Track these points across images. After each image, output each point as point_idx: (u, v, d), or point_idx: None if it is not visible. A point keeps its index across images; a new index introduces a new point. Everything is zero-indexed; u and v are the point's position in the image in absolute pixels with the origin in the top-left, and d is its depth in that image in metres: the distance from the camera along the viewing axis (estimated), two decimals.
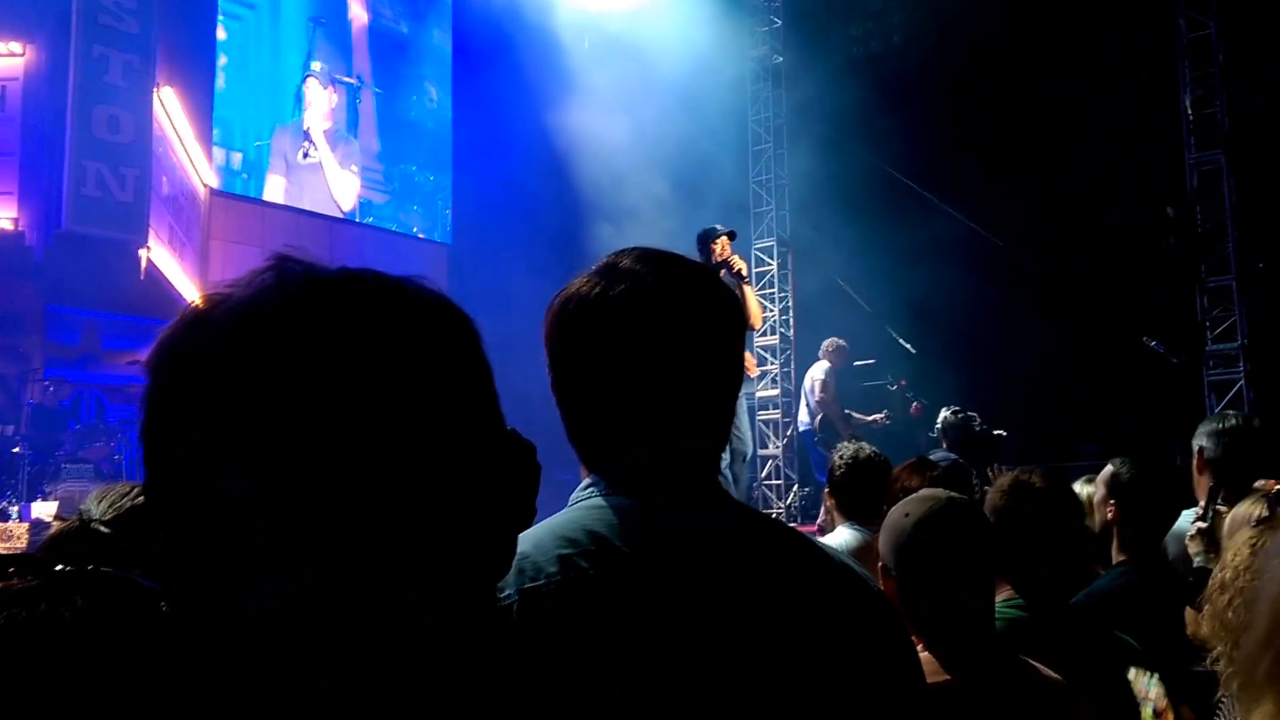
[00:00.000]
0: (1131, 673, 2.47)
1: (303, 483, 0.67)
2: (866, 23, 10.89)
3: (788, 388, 11.20)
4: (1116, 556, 2.95)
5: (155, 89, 8.94)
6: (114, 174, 8.31)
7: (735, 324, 1.17)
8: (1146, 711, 2.17)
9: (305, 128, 9.61)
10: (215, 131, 9.69)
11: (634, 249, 1.18)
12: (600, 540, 1.06)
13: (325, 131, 9.58)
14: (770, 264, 11.63)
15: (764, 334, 11.12)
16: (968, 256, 9.74)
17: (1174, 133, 9.34)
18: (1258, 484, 2.68)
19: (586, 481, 1.15)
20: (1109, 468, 3.05)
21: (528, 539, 1.06)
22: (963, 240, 9.93)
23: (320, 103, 9.55)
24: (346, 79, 10.16)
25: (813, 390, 9.27)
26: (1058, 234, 9.73)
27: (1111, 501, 2.94)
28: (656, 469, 1.12)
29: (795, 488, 10.53)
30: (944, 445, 6.67)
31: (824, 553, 1.18)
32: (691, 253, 7.46)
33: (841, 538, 3.20)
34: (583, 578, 1.03)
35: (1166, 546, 3.10)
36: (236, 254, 10.72)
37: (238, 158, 9.55)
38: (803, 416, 9.48)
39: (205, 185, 10.38)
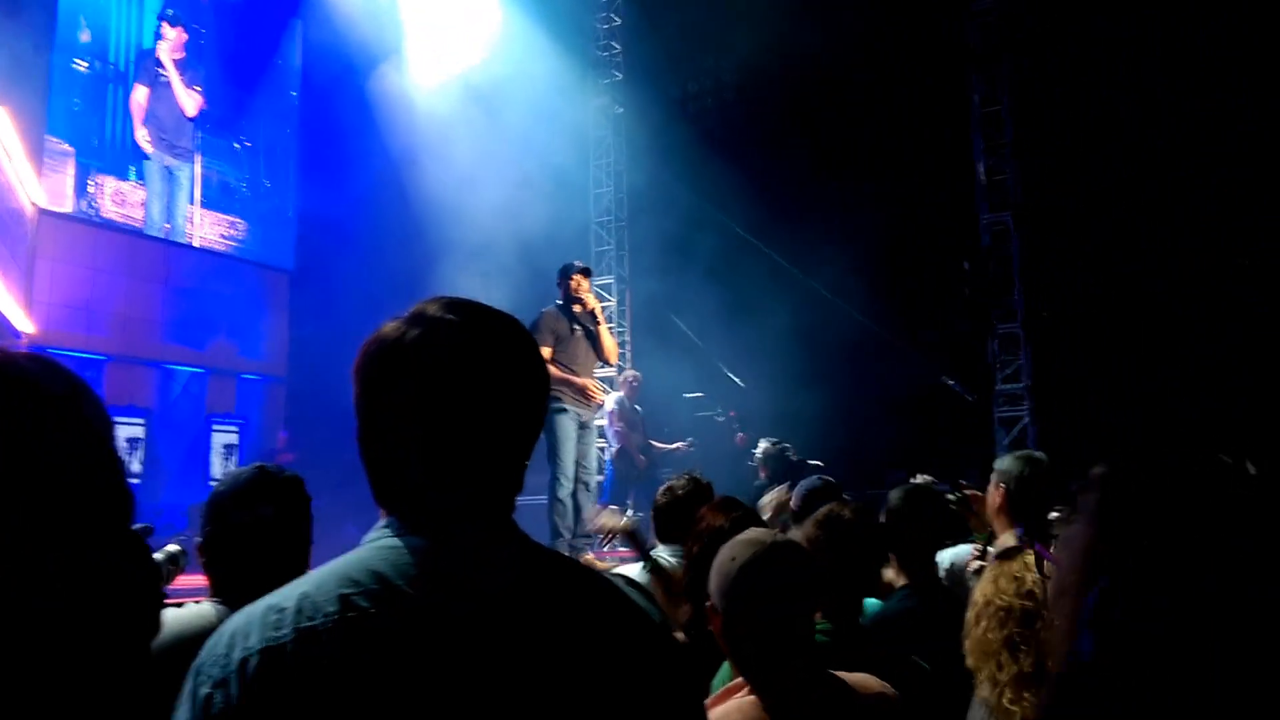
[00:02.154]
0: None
1: None
2: (702, 80, 11.56)
3: None
4: (897, 580, 3.17)
5: None
6: None
7: (534, 375, 1.19)
8: None
9: (157, 55, 10.87)
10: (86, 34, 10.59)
11: (444, 297, 1.19)
12: (383, 580, 1.05)
13: (175, 60, 10.90)
14: (610, 300, 12.11)
15: (601, 366, 11.56)
16: (791, 298, 10.39)
17: (970, 194, 10.32)
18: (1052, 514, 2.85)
19: (381, 523, 1.15)
20: (889, 496, 3.26)
21: (310, 579, 1.06)
22: (786, 283, 10.59)
23: (171, 35, 10.93)
24: (195, 26, 11.47)
25: (609, 421, 9.72)
26: (870, 280, 10.52)
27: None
28: (448, 511, 1.12)
29: (630, 513, 10.95)
30: (763, 474, 7.18)
31: (612, 591, 1.18)
32: (538, 288, 7.79)
33: (659, 560, 3.39)
34: (362, 617, 1.01)
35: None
36: (66, 274, 10.35)
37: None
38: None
39: (34, 204, 10.02)
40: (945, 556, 3.35)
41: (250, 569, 1.98)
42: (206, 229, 11.94)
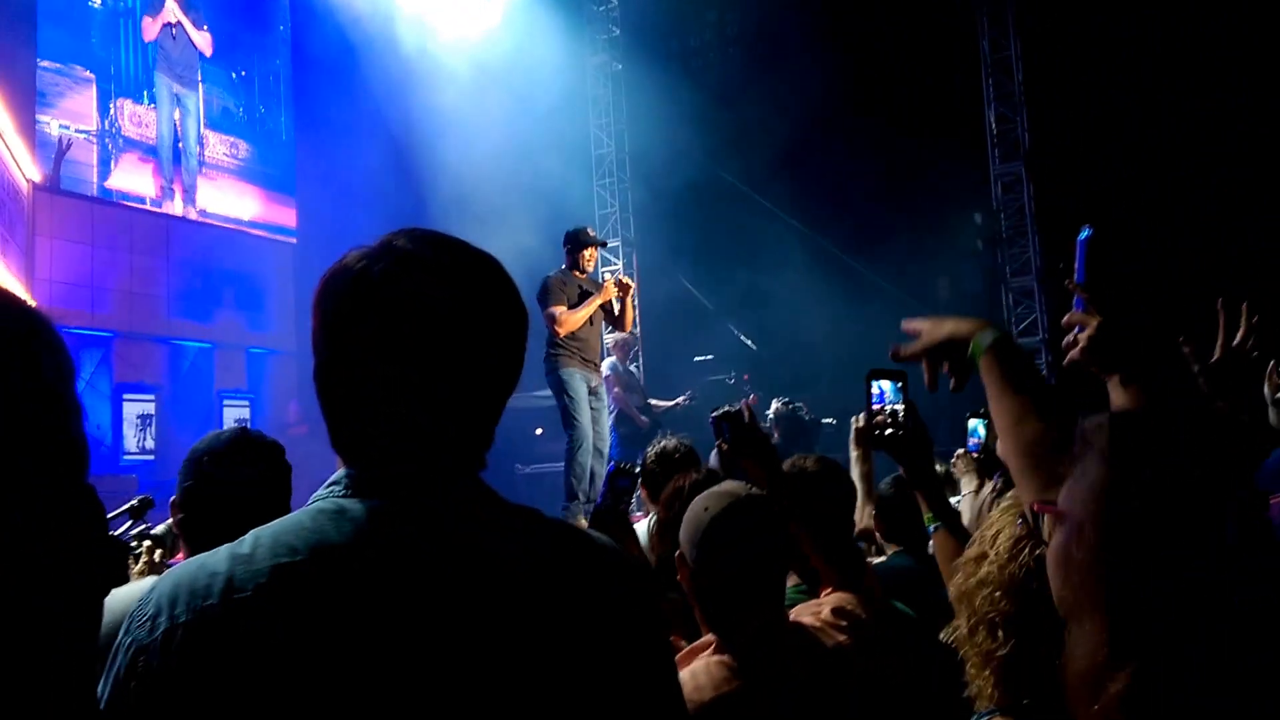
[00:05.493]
0: None
1: None
2: (703, 35, 11.30)
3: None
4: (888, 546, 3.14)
5: None
6: None
7: (510, 316, 1.08)
8: None
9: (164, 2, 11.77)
10: None
11: (415, 228, 1.09)
12: (327, 548, 0.96)
13: (179, 2, 11.86)
14: (616, 264, 11.97)
15: (609, 330, 11.45)
16: (800, 256, 10.26)
17: (981, 144, 10.12)
18: None
19: (333, 478, 1.04)
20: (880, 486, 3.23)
21: (248, 541, 0.98)
22: (795, 241, 10.44)
23: None
24: None
25: (606, 386, 9.61)
26: (882, 237, 10.38)
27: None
28: (408, 464, 1.02)
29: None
30: (776, 434, 7.07)
31: (593, 545, 1.10)
32: (546, 249, 7.65)
33: (649, 523, 3.31)
34: (299, 588, 0.93)
35: None
36: (65, 251, 10.30)
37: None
38: None
39: (28, 180, 9.93)
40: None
41: (226, 531, 1.85)
42: (212, 146, 12.33)
